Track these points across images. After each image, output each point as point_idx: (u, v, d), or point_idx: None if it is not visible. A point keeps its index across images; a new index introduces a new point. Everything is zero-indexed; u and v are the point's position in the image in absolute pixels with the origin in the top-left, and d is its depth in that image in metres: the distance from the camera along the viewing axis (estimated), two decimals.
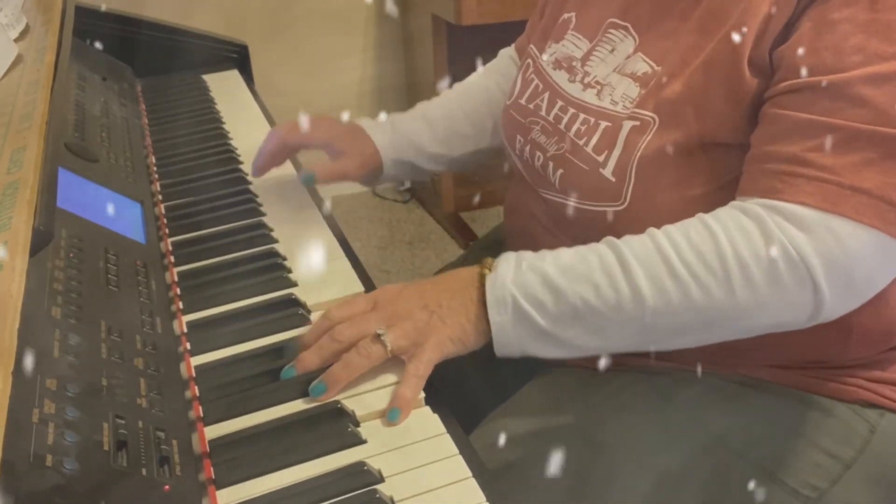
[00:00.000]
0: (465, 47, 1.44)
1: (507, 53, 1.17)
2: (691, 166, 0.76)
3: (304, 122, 1.04)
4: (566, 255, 0.74)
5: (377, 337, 0.72)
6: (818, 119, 0.69)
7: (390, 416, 0.69)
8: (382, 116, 1.08)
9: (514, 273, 0.73)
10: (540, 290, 0.72)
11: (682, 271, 0.69)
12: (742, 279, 0.68)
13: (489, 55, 1.20)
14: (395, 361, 0.73)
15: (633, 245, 0.72)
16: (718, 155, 0.76)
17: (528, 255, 0.75)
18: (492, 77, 1.14)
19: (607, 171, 0.79)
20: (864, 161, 0.67)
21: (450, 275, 0.77)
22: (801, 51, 0.70)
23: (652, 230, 0.73)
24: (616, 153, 0.79)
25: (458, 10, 2.25)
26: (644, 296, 0.69)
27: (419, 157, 1.07)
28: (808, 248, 0.67)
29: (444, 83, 1.17)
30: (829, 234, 0.67)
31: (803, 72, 0.70)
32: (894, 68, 0.67)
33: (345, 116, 1.09)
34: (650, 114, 0.78)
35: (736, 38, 0.74)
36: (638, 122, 0.78)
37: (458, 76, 1.17)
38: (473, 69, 1.18)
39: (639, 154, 0.77)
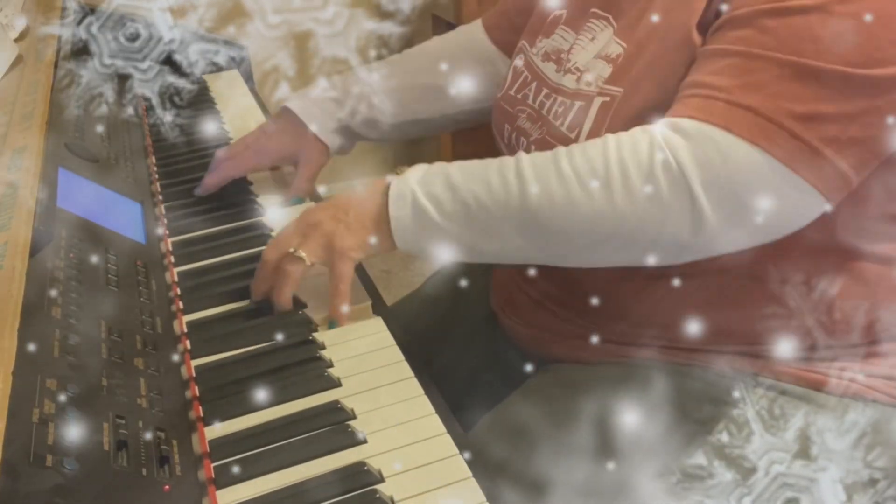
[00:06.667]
0: None
1: (471, 31, 1.13)
2: None
3: (245, 150, 1.05)
4: (475, 161, 0.77)
5: (293, 255, 0.78)
6: (722, 47, 0.72)
7: (329, 326, 0.80)
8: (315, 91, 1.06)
9: (421, 175, 0.77)
10: (439, 188, 0.75)
11: (568, 172, 0.72)
12: (621, 182, 0.70)
13: None
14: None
15: (535, 154, 0.75)
16: None
17: (442, 163, 0.78)
18: (447, 48, 1.11)
19: None
20: (757, 82, 0.69)
21: (366, 186, 0.80)
22: None
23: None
24: (586, 129, 0.81)
25: (458, 10, 2.25)
26: (529, 193, 0.72)
27: (377, 132, 1.07)
28: (686, 153, 0.69)
29: None
30: (710, 143, 0.69)
31: (724, 11, 0.73)
32: (798, 3, 0.69)
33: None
34: (617, 88, 0.80)
35: (689, 4, 0.76)
36: (607, 98, 0.80)
37: None
38: None
39: (606, 128, 0.79)
